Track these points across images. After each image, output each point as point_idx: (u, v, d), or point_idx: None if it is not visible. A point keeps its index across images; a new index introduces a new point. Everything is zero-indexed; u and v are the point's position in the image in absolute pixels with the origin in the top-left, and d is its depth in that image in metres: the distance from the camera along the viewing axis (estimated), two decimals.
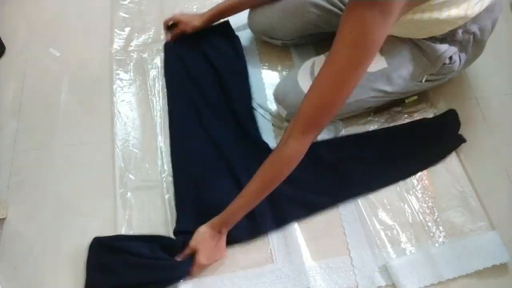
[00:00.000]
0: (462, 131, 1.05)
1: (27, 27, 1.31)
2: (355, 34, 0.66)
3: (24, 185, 1.04)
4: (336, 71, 0.70)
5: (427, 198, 0.98)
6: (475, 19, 0.85)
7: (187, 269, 0.86)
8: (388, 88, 0.95)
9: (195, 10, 1.31)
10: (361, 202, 0.97)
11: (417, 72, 0.94)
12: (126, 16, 1.30)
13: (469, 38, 0.89)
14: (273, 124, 1.09)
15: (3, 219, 0.99)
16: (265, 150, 1.00)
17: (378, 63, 0.92)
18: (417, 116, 1.07)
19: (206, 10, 1.26)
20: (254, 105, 1.11)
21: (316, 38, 1.17)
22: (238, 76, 1.14)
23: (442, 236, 0.93)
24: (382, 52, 0.92)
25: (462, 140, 1.02)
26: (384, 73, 0.93)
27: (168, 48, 1.20)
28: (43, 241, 0.96)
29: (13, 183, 1.04)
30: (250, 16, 1.15)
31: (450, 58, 0.91)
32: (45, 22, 1.32)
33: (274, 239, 0.93)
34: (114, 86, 1.17)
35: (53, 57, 1.24)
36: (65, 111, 1.14)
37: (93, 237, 0.92)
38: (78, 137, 1.10)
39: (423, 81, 0.96)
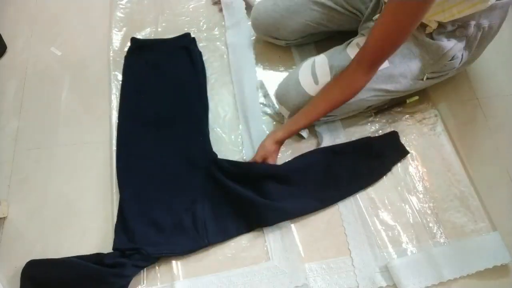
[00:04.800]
0: (464, 131, 1.05)
1: (28, 26, 1.31)
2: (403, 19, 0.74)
3: (25, 184, 1.04)
4: (398, 16, 0.75)
5: (428, 199, 0.97)
6: (488, 13, 0.85)
7: (130, 277, 0.86)
8: (389, 87, 0.95)
9: (191, 10, 1.31)
10: (362, 202, 0.97)
11: (419, 71, 0.94)
12: (124, 16, 1.31)
13: (477, 34, 0.89)
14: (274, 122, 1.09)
15: (4, 218, 0.99)
16: (212, 162, 1.00)
17: None
18: (418, 117, 1.07)
19: (202, 10, 1.27)
20: (257, 101, 1.11)
21: (319, 37, 1.17)
22: (193, 91, 1.12)
23: (443, 237, 0.93)
24: None
25: (405, 152, 1.02)
26: (386, 73, 0.93)
27: (127, 61, 1.19)
28: (44, 240, 0.96)
29: (14, 182, 1.04)
30: (253, 17, 1.14)
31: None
32: (47, 21, 1.32)
33: (270, 236, 0.93)
34: (112, 86, 1.16)
35: (54, 57, 1.24)
36: (66, 110, 1.14)
37: (91, 237, 0.93)
38: (79, 136, 1.10)
39: (425, 79, 0.96)
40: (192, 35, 1.22)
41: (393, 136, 1.04)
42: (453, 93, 1.11)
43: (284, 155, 1.04)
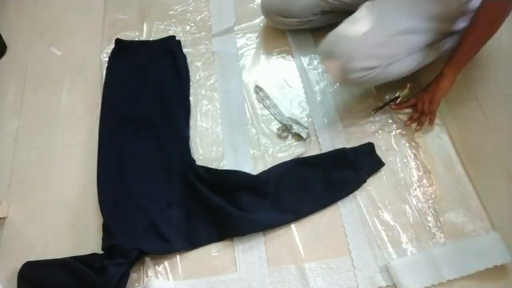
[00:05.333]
0: (464, 131, 1.05)
1: (28, 26, 1.31)
2: None
3: (25, 184, 1.04)
4: None
5: (428, 199, 0.97)
6: None
7: (115, 276, 0.86)
8: (432, 8, 0.94)
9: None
10: (362, 202, 0.97)
11: None
12: (122, 17, 1.31)
13: None
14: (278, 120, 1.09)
15: (4, 218, 0.99)
16: (189, 168, 1.00)
17: None
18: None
19: (189, 15, 1.29)
20: (243, 112, 1.11)
21: (331, 17, 1.15)
22: (175, 95, 1.12)
23: (443, 237, 0.93)
24: None
25: (381, 163, 1.01)
26: None
27: (110, 62, 1.19)
28: (44, 240, 0.96)
29: (14, 182, 1.04)
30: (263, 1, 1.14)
31: None
32: (47, 21, 1.32)
33: (239, 247, 0.93)
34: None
35: (55, 57, 1.24)
36: (66, 110, 1.15)
37: (91, 237, 0.93)
38: (79, 136, 1.10)
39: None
40: (177, 39, 1.22)
41: (369, 148, 1.03)
42: (453, 93, 1.11)
43: (286, 154, 1.04)
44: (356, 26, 0.92)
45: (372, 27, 0.91)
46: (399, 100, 1.07)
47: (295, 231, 0.95)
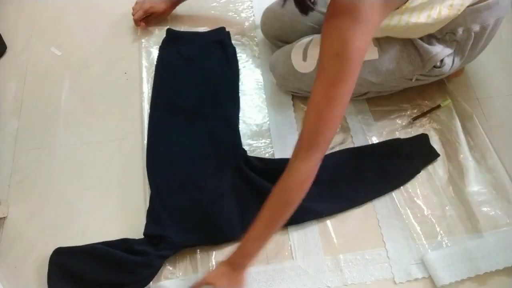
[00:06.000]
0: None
1: (28, 26, 1.31)
2: (335, 45, 0.67)
3: (25, 184, 1.03)
4: (327, 85, 0.69)
5: (461, 191, 0.97)
6: (475, 16, 0.83)
7: (156, 268, 0.87)
8: (374, 80, 0.94)
9: (220, 4, 1.30)
10: (396, 195, 0.97)
11: (407, 70, 0.93)
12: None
13: (468, 38, 0.87)
14: None
15: (4, 218, 0.99)
16: (241, 158, 1.01)
17: (370, 53, 0.91)
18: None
19: (231, 5, 1.29)
20: (290, 102, 1.11)
21: None
22: (226, 86, 1.12)
23: (478, 230, 0.92)
24: (377, 43, 0.91)
25: (435, 154, 1.02)
26: (373, 64, 0.92)
27: (161, 51, 1.20)
28: (44, 240, 0.96)
29: (14, 182, 1.04)
30: (262, 22, 1.14)
31: (442, 60, 0.90)
32: (46, 21, 1.32)
33: (294, 235, 0.93)
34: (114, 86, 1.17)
35: (54, 57, 1.24)
36: (66, 110, 1.14)
37: (92, 237, 0.92)
38: (79, 136, 1.10)
39: (414, 79, 0.95)
40: (190, 40, 1.21)
41: (423, 138, 1.04)
42: (453, 93, 1.11)
43: None
44: (300, 62, 0.98)
45: (312, 69, 0.97)
46: (440, 108, 1.07)
47: (329, 222, 0.95)
